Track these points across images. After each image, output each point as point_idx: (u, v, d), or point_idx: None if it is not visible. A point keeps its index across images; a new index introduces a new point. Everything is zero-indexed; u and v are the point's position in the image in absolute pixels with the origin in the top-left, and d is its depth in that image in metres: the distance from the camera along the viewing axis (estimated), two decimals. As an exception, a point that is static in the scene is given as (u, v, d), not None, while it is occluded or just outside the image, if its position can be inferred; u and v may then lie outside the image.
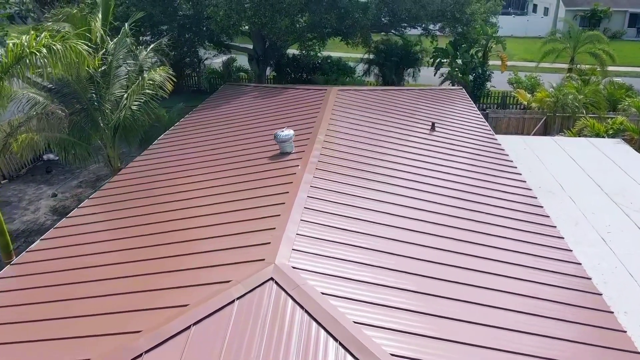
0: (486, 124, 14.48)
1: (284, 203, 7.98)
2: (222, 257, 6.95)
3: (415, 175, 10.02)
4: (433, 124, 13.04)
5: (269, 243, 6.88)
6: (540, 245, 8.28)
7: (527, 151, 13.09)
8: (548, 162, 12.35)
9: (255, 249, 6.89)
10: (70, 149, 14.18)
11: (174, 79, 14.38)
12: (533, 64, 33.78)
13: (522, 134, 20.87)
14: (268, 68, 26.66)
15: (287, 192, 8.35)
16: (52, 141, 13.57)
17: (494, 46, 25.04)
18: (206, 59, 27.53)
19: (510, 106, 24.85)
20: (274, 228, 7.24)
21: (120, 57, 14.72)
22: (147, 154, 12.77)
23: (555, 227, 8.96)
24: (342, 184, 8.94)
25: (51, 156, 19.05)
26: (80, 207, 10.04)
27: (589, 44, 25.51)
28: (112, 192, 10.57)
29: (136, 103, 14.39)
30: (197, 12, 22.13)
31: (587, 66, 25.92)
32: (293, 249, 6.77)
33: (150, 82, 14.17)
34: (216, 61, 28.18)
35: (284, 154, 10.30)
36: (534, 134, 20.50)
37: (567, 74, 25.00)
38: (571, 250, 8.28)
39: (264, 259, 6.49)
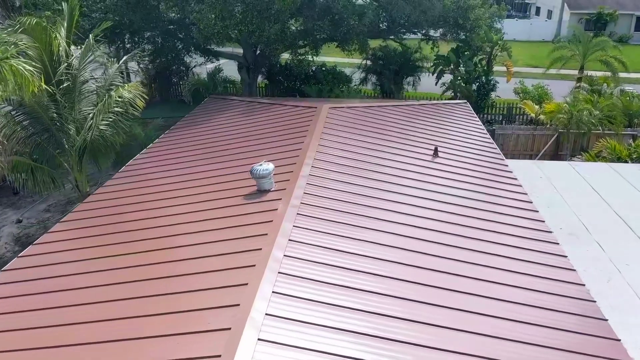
0: (495, 146, 12.98)
1: (254, 265, 6.47)
2: (170, 349, 5.43)
3: (413, 219, 8.50)
4: (436, 148, 11.53)
5: (229, 329, 5.37)
6: (569, 314, 6.77)
7: (543, 181, 11.56)
8: (568, 195, 10.83)
9: (211, 337, 5.38)
10: (29, 174, 12.68)
11: (145, 96, 12.87)
12: (537, 70, 32.32)
13: (531, 151, 19.35)
14: (259, 76, 25.17)
15: (260, 249, 6.83)
16: (6, 166, 12.08)
17: (499, 54, 23.53)
18: (194, 66, 26.02)
19: (517, 117, 23.33)
20: (238, 305, 5.73)
21: (87, 71, 13.25)
22: (118, 178, 11.36)
23: (584, 285, 7.46)
24: (328, 235, 7.43)
25: (20, 175, 17.54)
26: (33, 247, 8.58)
27: (599, 51, 23.99)
28: (73, 227, 9.23)
29: (104, 122, 12.90)
30: (182, 18, 20.64)
31: (598, 74, 24.41)
32: (259, 339, 5.26)
33: (119, 99, 12.66)
34: (208, 66, 26.64)
35: (262, 192, 8.79)
36: (545, 152, 18.98)
37: (577, 84, 23.50)
38: (606, 320, 6.77)
39: (219, 356, 4.99)
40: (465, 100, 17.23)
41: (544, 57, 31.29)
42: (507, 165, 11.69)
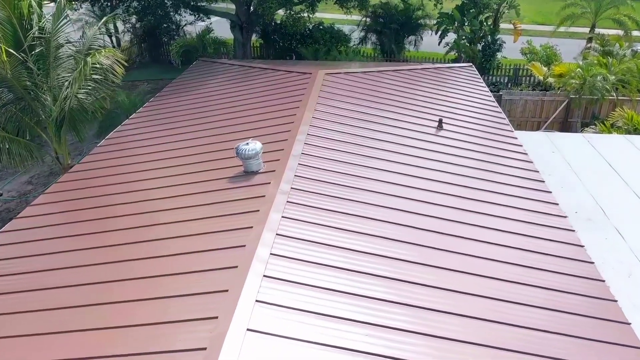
0: (504, 116, 12.07)
1: (236, 267, 5.73)
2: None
3: (414, 204, 7.72)
4: (440, 120, 10.66)
5: (205, 349, 4.68)
6: (588, 318, 6.08)
7: (556, 156, 10.70)
8: (583, 174, 9.99)
9: (185, 358, 4.70)
10: (4, 147, 11.82)
11: (125, 62, 11.88)
12: (544, 28, 30.95)
13: (539, 118, 18.38)
14: (254, 35, 23.92)
15: (244, 246, 6.08)
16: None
17: (506, 11, 22.23)
18: (184, 24, 24.73)
19: (523, 79, 22.23)
20: (216, 317, 5.02)
21: (62, 35, 12.20)
22: (100, 153, 10.52)
23: (604, 281, 6.75)
24: (321, 228, 6.65)
25: (0, 145, 16.64)
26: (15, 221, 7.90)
27: (612, 8, 22.67)
28: (55, 200, 8.66)
29: (83, 91, 11.97)
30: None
31: (610, 32, 23.15)
32: (239, 363, 4.57)
33: (97, 66, 11.67)
34: (201, 24, 25.28)
35: (249, 174, 7.98)
36: (554, 119, 18.02)
37: (588, 44, 22.27)
38: (629, 324, 6.09)
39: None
40: (471, 64, 16.19)
41: (551, 14, 29.89)
42: (516, 138, 10.84)
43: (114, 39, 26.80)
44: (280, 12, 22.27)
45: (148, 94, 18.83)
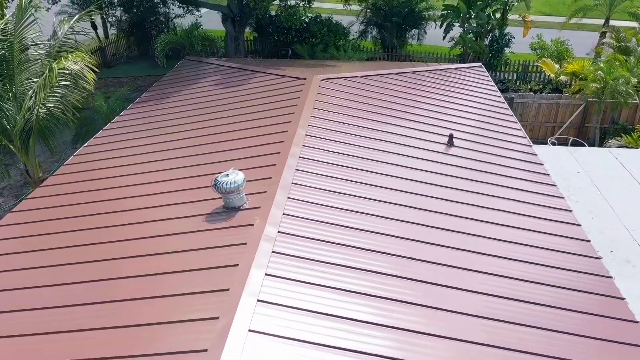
0: (520, 127, 10.88)
1: (206, 350, 4.57)
2: None
3: (419, 246, 6.56)
4: (451, 136, 9.47)
5: None
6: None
7: (582, 178, 9.49)
8: (615, 200, 8.79)
9: None
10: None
11: (96, 69, 10.63)
12: (552, 19, 29.56)
13: (554, 123, 17.12)
14: (247, 28, 22.56)
15: (217, 318, 4.92)
16: None
17: (516, 3, 20.88)
18: (174, 17, 23.37)
19: (533, 76, 20.94)
20: None
21: (27, 37, 10.96)
22: (71, 168, 9.46)
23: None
24: (311, 288, 5.50)
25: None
26: None
27: (628, 0, 21.31)
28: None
29: (51, 99, 10.76)
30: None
31: (624, 24, 21.81)
32: None
33: (65, 71, 10.45)
34: (196, 14, 23.84)
35: (230, 210, 6.80)
36: (569, 125, 16.77)
37: (602, 40, 20.93)
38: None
39: None
40: (480, 63, 14.91)
41: (559, 4, 28.50)
42: (536, 155, 9.65)
43: (100, 31, 25.43)
44: (277, 1, 20.89)
45: (135, 92, 17.65)
